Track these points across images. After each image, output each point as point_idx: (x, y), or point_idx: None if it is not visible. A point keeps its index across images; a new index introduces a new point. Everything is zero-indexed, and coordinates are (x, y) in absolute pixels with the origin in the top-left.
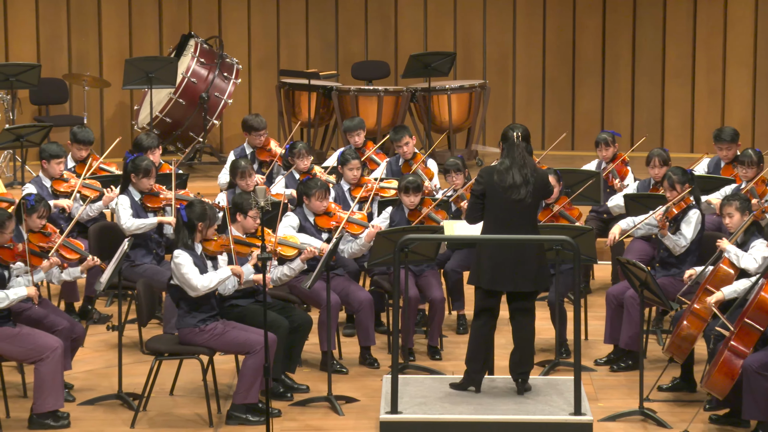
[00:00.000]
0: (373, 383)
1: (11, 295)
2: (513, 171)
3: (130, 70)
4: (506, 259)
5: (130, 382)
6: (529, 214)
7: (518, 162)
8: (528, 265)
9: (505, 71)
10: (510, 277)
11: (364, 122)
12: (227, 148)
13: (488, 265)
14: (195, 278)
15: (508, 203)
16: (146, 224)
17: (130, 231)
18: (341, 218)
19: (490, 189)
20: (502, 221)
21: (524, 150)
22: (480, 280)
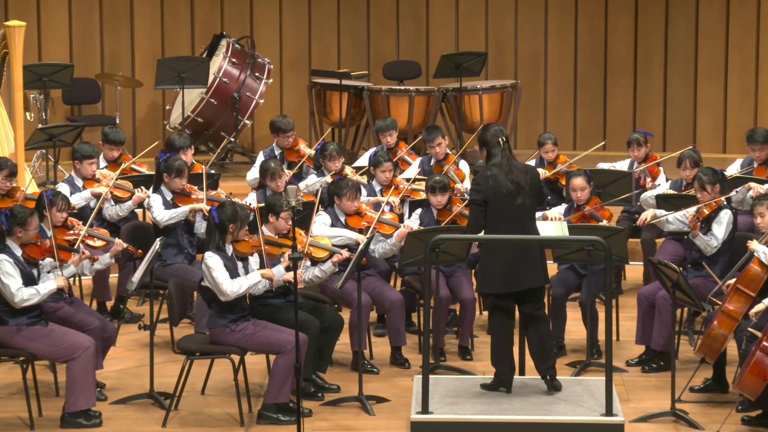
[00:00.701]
0: (403, 383)
1: (42, 290)
2: (503, 178)
3: (162, 70)
4: (517, 259)
5: (161, 382)
6: (529, 211)
7: (505, 168)
8: (535, 262)
9: (537, 71)
10: (522, 276)
11: (396, 122)
12: (258, 147)
13: (501, 269)
14: (225, 283)
15: (509, 207)
16: (179, 213)
17: (164, 222)
18: (372, 218)
19: (491, 195)
20: (507, 223)
21: (509, 152)
22: (491, 287)
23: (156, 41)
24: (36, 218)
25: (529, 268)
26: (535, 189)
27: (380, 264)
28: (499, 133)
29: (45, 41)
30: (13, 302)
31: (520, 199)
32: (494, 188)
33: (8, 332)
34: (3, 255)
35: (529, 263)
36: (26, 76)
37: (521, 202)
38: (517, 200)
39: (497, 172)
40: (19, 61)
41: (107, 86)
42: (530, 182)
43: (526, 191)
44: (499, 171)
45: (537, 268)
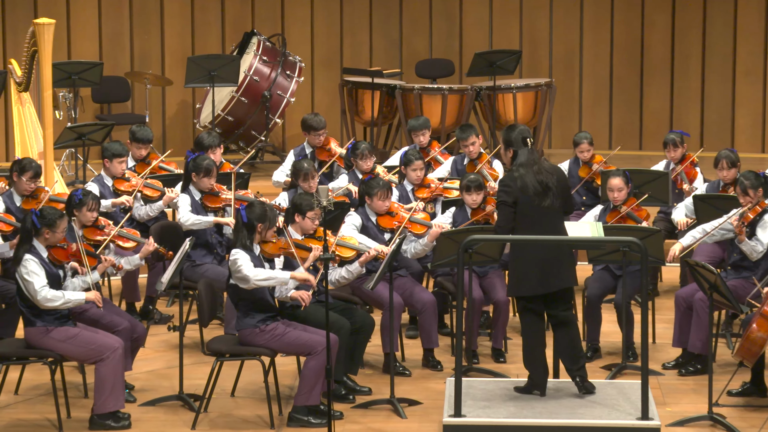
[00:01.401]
0: (436, 386)
1: (68, 296)
2: (531, 179)
3: (193, 68)
4: (549, 260)
5: (191, 383)
6: (557, 212)
7: (534, 169)
8: (565, 262)
9: (572, 69)
10: (555, 277)
11: (429, 121)
12: (289, 147)
13: (535, 270)
14: (247, 269)
15: (536, 209)
16: (202, 221)
17: (185, 225)
18: (404, 218)
19: (521, 196)
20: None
21: (535, 153)
22: (524, 289)
23: (186, 39)
24: (65, 221)
25: (560, 269)
26: (562, 190)
27: (412, 264)
28: (526, 132)
29: (74, 39)
30: (36, 300)
31: (549, 201)
32: (523, 189)
33: (37, 333)
34: (29, 255)
35: (561, 264)
36: (55, 74)
37: (549, 203)
38: (546, 201)
39: (525, 173)
40: (48, 59)
41: (137, 84)
42: (558, 184)
43: (554, 192)
44: (527, 172)
45: (568, 268)
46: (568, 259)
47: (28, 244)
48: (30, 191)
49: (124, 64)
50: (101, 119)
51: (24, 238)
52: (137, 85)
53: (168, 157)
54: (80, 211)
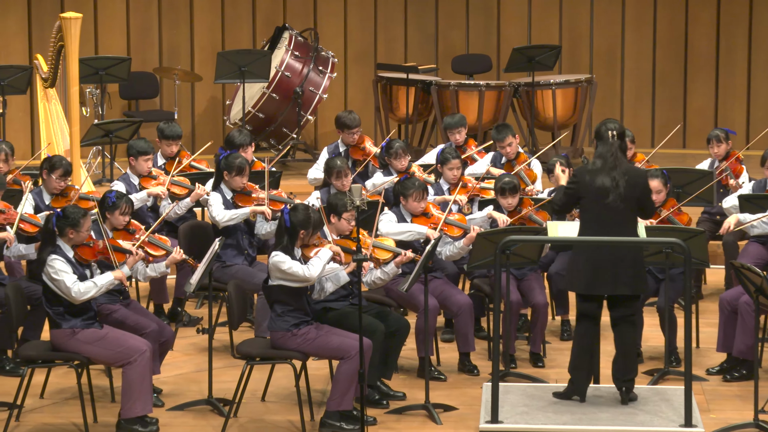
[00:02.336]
0: (472, 391)
1: (98, 282)
2: (602, 174)
3: (223, 64)
4: (604, 262)
5: (220, 387)
6: (625, 216)
7: (609, 164)
8: (625, 268)
9: (613, 65)
10: (608, 281)
11: (465, 119)
12: (322, 144)
13: (585, 268)
14: (299, 269)
15: (600, 206)
16: (239, 215)
17: (223, 223)
18: (439, 219)
19: (584, 190)
20: (598, 223)
21: (617, 150)
22: (576, 285)
23: (216, 34)
24: (89, 220)
25: (618, 274)
26: (634, 193)
27: (448, 266)
28: (613, 127)
29: (102, 34)
30: (71, 297)
31: (611, 198)
32: (589, 183)
33: (62, 335)
34: (54, 255)
35: (619, 268)
36: (82, 70)
37: (611, 201)
38: (608, 198)
39: (597, 168)
40: (75, 55)
41: (165, 80)
42: (629, 185)
43: (620, 193)
44: (602, 166)
45: (627, 274)
46: (630, 265)
47: (51, 245)
48: (60, 189)
49: (153, 60)
50: (129, 116)
51: (47, 239)
52: (166, 81)
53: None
54: (112, 215)
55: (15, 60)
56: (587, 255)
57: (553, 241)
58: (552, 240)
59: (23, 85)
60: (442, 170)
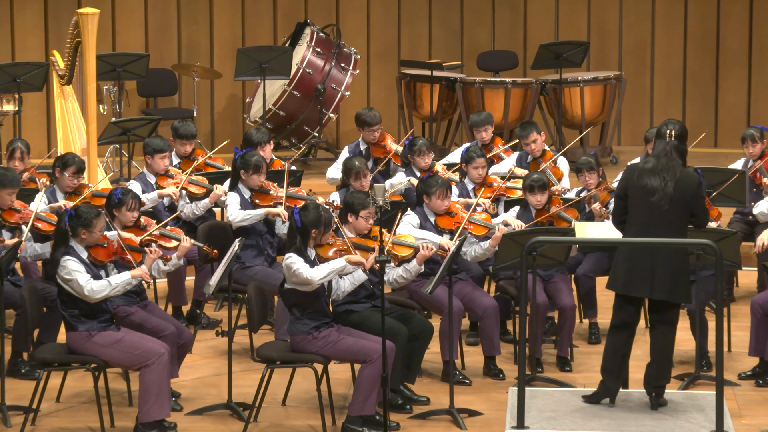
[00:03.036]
0: (498, 395)
1: (113, 281)
2: (652, 173)
3: (243, 61)
4: (642, 263)
5: (240, 391)
6: (671, 218)
7: (661, 164)
8: (664, 272)
9: (643, 62)
10: (645, 283)
11: (492, 117)
12: (344, 143)
13: (623, 269)
14: (306, 271)
15: (646, 205)
16: (252, 215)
17: (235, 223)
18: (463, 218)
19: (631, 188)
20: (641, 223)
21: (672, 150)
22: (615, 285)
23: (236, 30)
24: (102, 220)
25: (656, 277)
26: (683, 197)
27: (473, 268)
28: (673, 127)
29: (119, 30)
30: (85, 296)
31: (656, 198)
32: (636, 181)
33: (79, 338)
34: (67, 256)
35: (658, 272)
36: (99, 67)
37: (656, 200)
38: (653, 197)
39: (649, 167)
40: (92, 51)
41: (184, 77)
42: (679, 188)
43: (667, 193)
44: (654, 165)
45: (665, 280)
46: (669, 271)
47: (64, 246)
48: (73, 187)
49: (171, 56)
50: (147, 114)
51: (60, 239)
52: (185, 78)
53: (215, 153)
54: (120, 212)
55: (31, 56)
56: (626, 255)
57: (580, 242)
58: (579, 241)
59: (39, 82)
60: (466, 169)
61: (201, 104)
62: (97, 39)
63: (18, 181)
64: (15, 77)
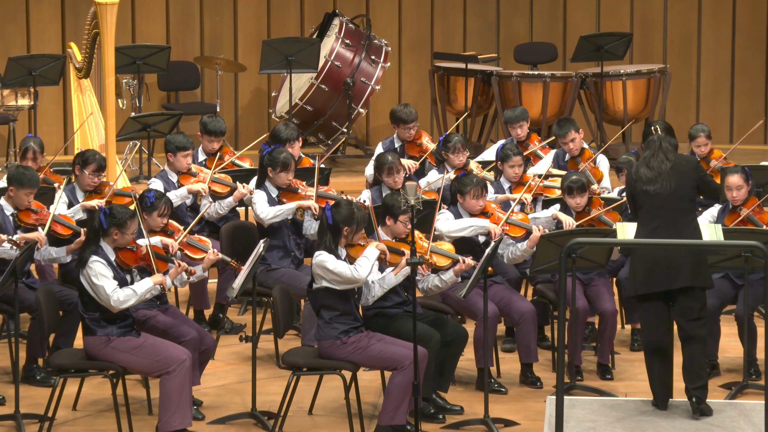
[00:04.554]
0: (535, 405)
1: (138, 289)
2: (643, 164)
3: (268, 53)
4: (659, 258)
5: (264, 400)
6: (675, 208)
7: (650, 154)
8: (682, 260)
9: (689, 54)
10: (664, 276)
11: (527, 112)
12: (374, 139)
13: (640, 268)
14: (346, 269)
15: (648, 200)
16: (284, 210)
17: (268, 220)
18: (500, 219)
19: (633, 186)
20: (648, 220)
21: (662, 140)
22: (633, 288)
23: (261, 21)
24: (136, 222)
25: (674, 266)
26: (684, 181)
27: (509, 271)
28: (653, 125)
29: (140, 21)
30: (110, 305)
31: (658, 186)
32: (636, 178)
33: (97, 343)
34: (95, 257)
35: (675, 261)
36: (119, 60)
37: (658, 188)
38: (654, 185)
39: (641, 161)
40: (111, 43)
41: (207, 71)
42: (676, 173)
43: (665, 177)
44: (643, 160)
45: (685, 265)
46: (687, 257)
47: (95, 244)
48: (93, 186)
49: (194, 49)
50: (168, 109)
51: (91, 237)
52: (207, 71)
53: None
54: (150, 215)
55: (47, 49)
56: (641, 253)
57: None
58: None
59: (56, 75)
60: (502, 167)
61: (224, 99)
62: (117, 30)
63: (37, 180)
64: (30, 70)
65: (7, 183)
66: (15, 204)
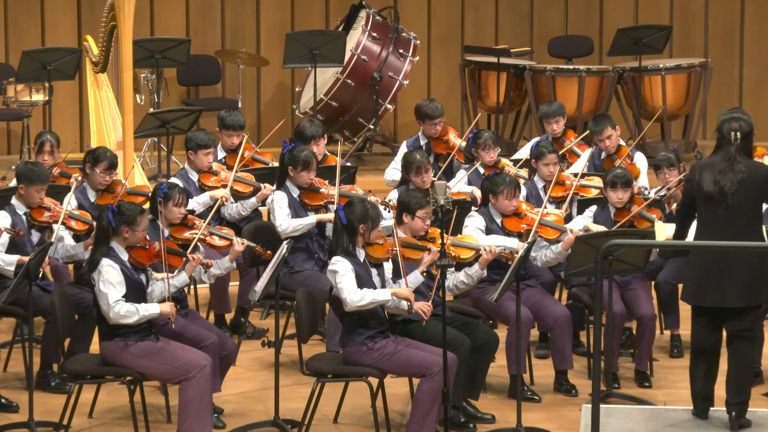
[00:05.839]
0: (569, 413)
1: (141, 311)
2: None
3: (292, 46)
4: (711, 269)
5: (287, 407)
6: (739, 218)
7: (718, 166)
8: (736, 276)
9: (731, 48)
10: (714, 291)
11: (564, 107)
12: (402, 136)
13: (692, 276)
14: (347, 290)
15: (714, 205)
16: (304, 224)
17: (285, 233)
18: (533, 220)
19: (696, 188)
20: (710, 226)
21: (736, 150)
22: (684, 294)
23: (285, 12)
24: (146, 218)
25: (726, 284)
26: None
27: (543, 273)
28: (737, 127)
29: (158, 13)
30: (108, 315)
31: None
32: (699, 182)
33: (114, 348)
34: (107, 260)
35: (727, 277)
36: (136, 53)
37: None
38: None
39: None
40: (128, 36)
41: (228, 65)
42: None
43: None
44: (712, 168)
45: (740, 284)
46: (744, 275)
47: (105, 245)
48: (105, 185)
49: (215, 42)
50: (188, 104)
51: (100, 238)
52: (229, 65)
53: (263, 148)
54: (166, 207)
55: (63, 42)
56: (695, 261)
57: (661, 245)
58: (660, 245)
59: (71, 69)
60: (536, 166)
61: (246, 94)
62: (134, 23)
63: (47, 176)
64: (45, 64)
65: (16, 181)
66: (27, 202)
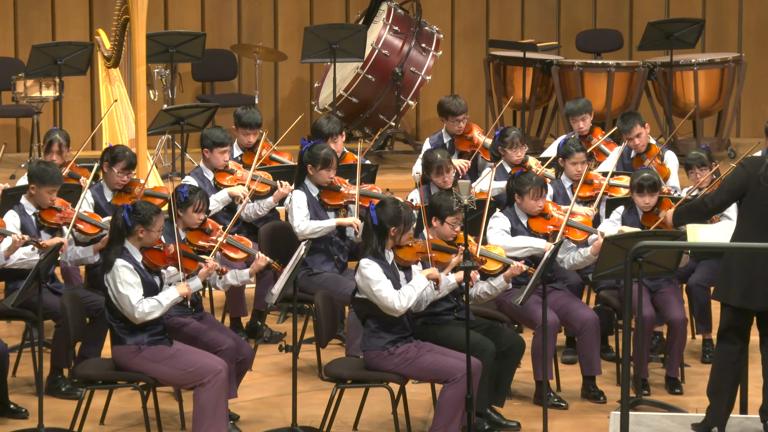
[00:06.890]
0: (597, 421)
1: (164, 301)
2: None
3: (311, 41)
4: (762, 271)
5: (306, 414)
6: None
7: None
8: None
9: (766, 42)
10: (763, 294)
11: (590, 104)
12: (424, 133)
13: (740, 277)
14: (391, 296)
15: (761, 203)
16: (323, 227)
17: (303, 235)
18: (560, 221)
19: (753, 184)
20: (757, 224)
21: None
22: (729, 297)
23: (303, 6)
24: (161, 218)
25: None
26: None
27: (570, 276)
28: None
29: (173, 6)
30: (133, 317)
31: None
32: (752, 174)
33: (127, 352)
34: (121, 260)
35: None
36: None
37: None
38: None
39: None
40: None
41: (245, 59)
42: None
43: None
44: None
45: None
46: None
47: (119, 245)
48: (122, 184)
49: (231, 36)
50: (203, 100)
51: (115, 238)
52: (245, 60)
53: (281, 146)
54: (185, 212)
55: (74, 36)
56: (744, 263)
57: (693, 247)
58: (692, 246)
59: (83, 64)
60: (563, 164)
61: (263, 90)
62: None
63: (60, 177)
64: (56, 59)
65: (28, 180)
66: (37, 202)
